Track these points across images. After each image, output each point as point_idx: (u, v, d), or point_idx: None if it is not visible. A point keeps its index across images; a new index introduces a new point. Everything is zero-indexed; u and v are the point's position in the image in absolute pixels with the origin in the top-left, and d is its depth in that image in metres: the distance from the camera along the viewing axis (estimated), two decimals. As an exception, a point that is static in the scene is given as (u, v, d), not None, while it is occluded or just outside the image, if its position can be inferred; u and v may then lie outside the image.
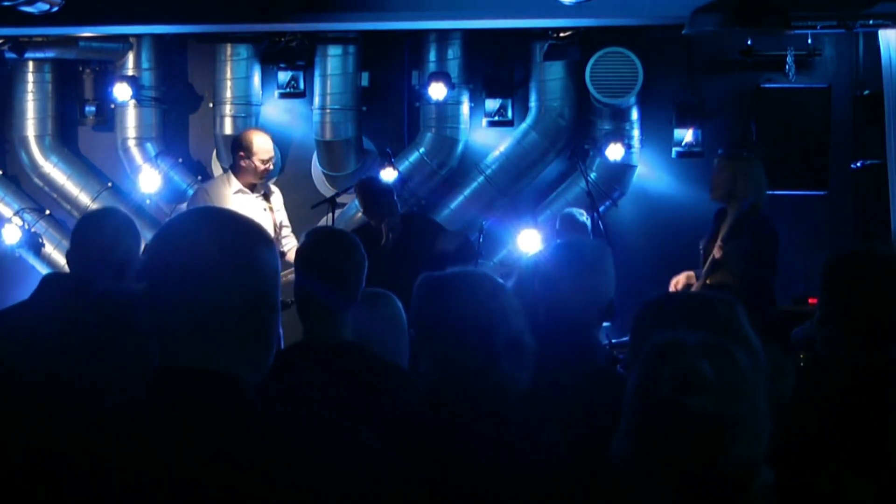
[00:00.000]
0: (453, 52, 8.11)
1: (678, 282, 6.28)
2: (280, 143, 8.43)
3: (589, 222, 7.28)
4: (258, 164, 6.75)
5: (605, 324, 6.45)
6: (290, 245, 6.97)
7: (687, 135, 8.01)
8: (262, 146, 6.78)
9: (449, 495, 2.43)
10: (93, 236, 3.46)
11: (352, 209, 8.27)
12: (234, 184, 6.82)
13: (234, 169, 6.86)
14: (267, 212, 6.84)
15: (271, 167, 6.92)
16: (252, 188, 6.85)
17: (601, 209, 7.87)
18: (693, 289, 6.12)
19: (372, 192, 6.80)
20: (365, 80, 8.31)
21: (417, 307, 2.65)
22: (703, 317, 2.51)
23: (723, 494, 1.81)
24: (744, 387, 1.84)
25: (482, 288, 2.62)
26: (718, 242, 6.03)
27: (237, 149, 6.84)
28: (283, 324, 3.11)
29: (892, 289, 2.77)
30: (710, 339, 1.90)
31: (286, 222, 7.07)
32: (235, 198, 6.76)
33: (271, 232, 6.83)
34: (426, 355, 2.63)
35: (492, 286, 2.64)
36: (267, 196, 6.91)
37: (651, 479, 1.84)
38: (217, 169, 8.62)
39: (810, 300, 6.84)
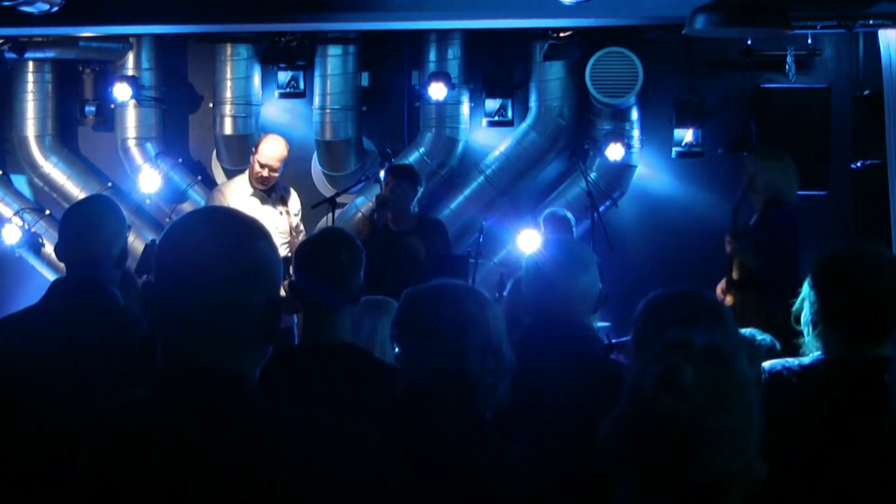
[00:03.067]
0: (453, 52, 8.11)
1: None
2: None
3: (573, 218, 7.34)
4: (255, 164, 6.80)
5: (603, 324, 6.50)
6: None
7: (687, 135, 8.01)
8: (265, 149, 6.85)
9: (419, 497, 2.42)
10: (89, 235, 3.44)
11: (352, 209, 8.28)
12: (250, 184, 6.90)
13: (250, 167, 6.98)
14: (283, 215, 6.87)
15: (266, 174, 6.84)
16: (269, 191, 6.86)
17: (601, 209, 7.87)
18: (719, 286, 6.13)
19: (406, 177, 6.68)
20: (365, 80, 8.31)
21: (396, 319, 2.65)
22: (708, 318, 2.52)
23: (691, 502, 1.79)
24: (733, 399, 1.82)
25: (458, 296, 2.61)
26: (727, 237, 6.11)
27: (253, 144, 7.02)
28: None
29: (878, 287, 2.79)
30: (717, 345, 1.88)
31: (302, 227, 7.10)
32: (252, 200, 6.81)
33: (287, 235, 6.85)
34: (403, 365, 2.62)
35: (468, 295, 2.63)
36: (284, 199, 6.95)
37: (629, 471, 1.84)
38: (217, 169, 8.62)
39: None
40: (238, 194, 6.87)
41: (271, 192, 6.91)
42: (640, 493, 1.82)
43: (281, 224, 6.86)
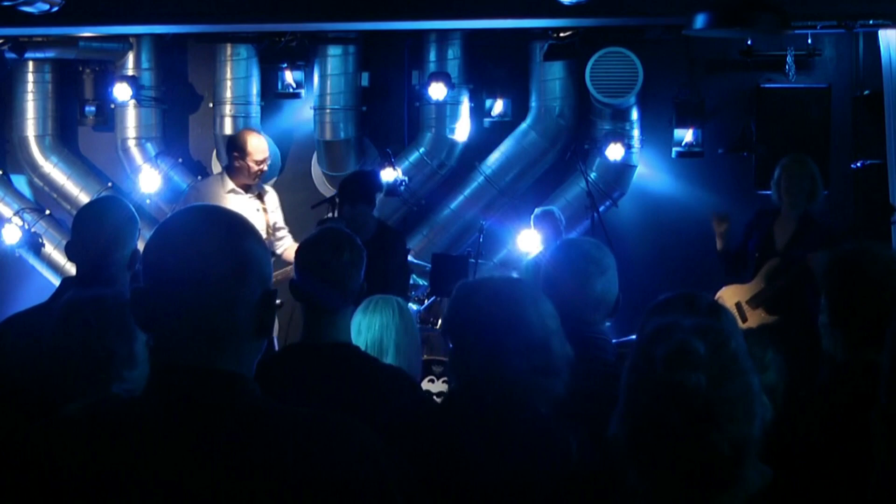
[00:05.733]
0: (453, 52, 8.11)
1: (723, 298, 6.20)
2: (280, 143, 8.45)
3: (559, 213, 7.35)
4: (252, 164, 6.72)
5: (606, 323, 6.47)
6: (284, 246, 6.96)
7: (687, 135, 8.01)
8: (256, 147, 6.75)
9: (458, 496, 2.42)
10: (98, 235, 3.44)
11: (352, 209, 8.27)
12: (228, 183, 6.79)
13: (229, 169, 6.85)
14: (260, 212, 6.80)
15: (265, 168, 6.84)
16: (246, 188, 6.81)
17: (601, 209, 7.87)
18: (755, 294, 6.06)
19: (359, 198, 6.43)
20: (365, 80, 8.32)
21: (450, 313, 2.63)
22: (705, 314, 2.52)
23: (716, 473, 1.80)
24: (736, 367, 1.84)
25: (513, 292, 2.59)
26: (811, 257, 5.93)
27: (232, 149, 6.83)
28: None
29: (888, 289, 2.74)
30: (704, 322, 1.90)
31: (281, 223, 7.03)
32: (228, 197, 6.73)
33: (263, 233, 6.77)
34: (457, 361, 2.59)
35: (524, 291, 2.61)
36: (261, 196, 6.86)
37: (644, 460, 1.84)
38: (217, 169, 8.61)
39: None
40: (216, 193, 6.78)
41: (248, 189, 6.82)
42: (656, 480, 1.81)
43: (258, 222, 6.74)
